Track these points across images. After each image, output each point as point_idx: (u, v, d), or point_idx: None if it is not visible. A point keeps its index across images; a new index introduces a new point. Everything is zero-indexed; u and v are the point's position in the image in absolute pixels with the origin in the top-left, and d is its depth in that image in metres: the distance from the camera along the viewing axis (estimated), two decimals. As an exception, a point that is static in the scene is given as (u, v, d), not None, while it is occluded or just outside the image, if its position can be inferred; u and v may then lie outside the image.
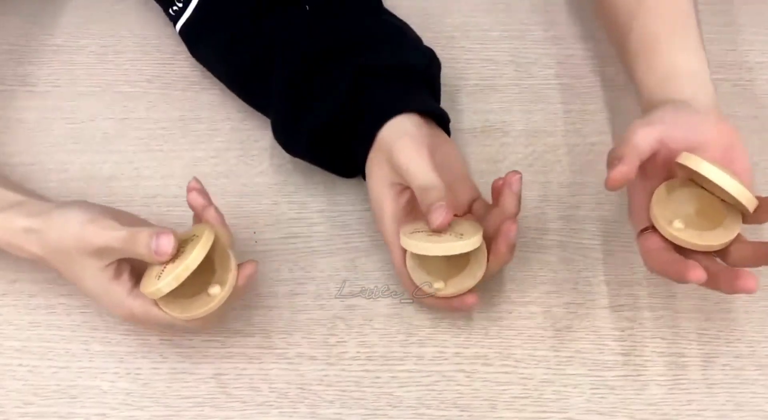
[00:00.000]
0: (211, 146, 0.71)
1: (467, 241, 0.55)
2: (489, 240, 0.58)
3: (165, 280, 0.53)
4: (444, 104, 0.67)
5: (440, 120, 0.64)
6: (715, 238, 0.55)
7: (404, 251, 0.59)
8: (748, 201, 0.54)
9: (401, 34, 0.69)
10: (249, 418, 0.60)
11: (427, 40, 0.69)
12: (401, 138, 0.59)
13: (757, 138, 0.71)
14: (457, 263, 0.59)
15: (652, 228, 0.56)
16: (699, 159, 0.54)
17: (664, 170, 0.58)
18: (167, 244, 0.54)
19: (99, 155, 0.71)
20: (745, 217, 0.56)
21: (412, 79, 0.65)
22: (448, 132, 0.65)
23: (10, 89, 0.74)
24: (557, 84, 0.74)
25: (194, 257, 0.54)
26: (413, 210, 0.61)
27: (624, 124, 0.62)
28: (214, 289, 0.55)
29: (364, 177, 0.63)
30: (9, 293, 0.65)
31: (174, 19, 0.72)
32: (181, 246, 0.55)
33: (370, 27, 0.68)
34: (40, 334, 0.63)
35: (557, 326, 0.63)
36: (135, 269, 0.58)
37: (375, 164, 0.61)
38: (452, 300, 0.59)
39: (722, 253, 0.55)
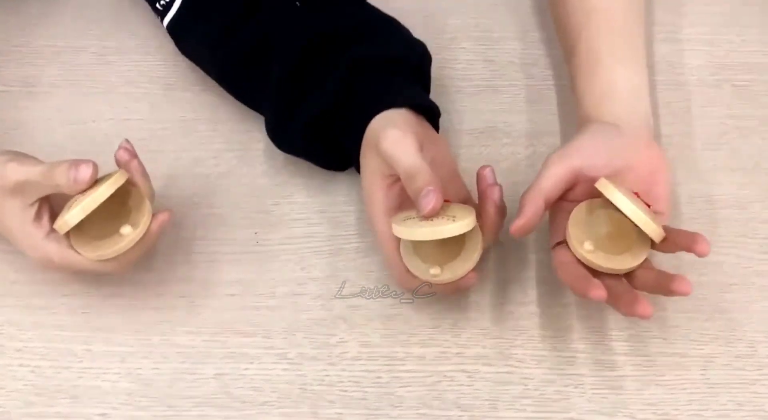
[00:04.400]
0: (212, 147, 0.71)
1: (461, 222, 0.54)
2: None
3: (72, 211, 0.55)
4: (445, 105, 0.67)
5: (430, 115, 0.64)
6: (621, 263, 0.56)
7: (396, 243, 0.58)
8: (654, 233, 0.56)
9: (393, 26, 0.68)
10: (250, 418, 0.60)
11: (429, 40, 0.69)
12: (387, 127, 0.59)
13: (757, 138, 0.71)
14: (451, 248, 0.58)
15: (567, 243, 0.57)
16: (613, 188, 0.56)
17: (584, 196, 0.59)
18: (86, 171, 0.56)
19: (100, 156, 0.70)
20: (654, 244, 0.57)
21: (404, 72, 0.65)
22: (437, 127, 0.65)
23: (12, 90, 0.74)
24: (557, 85, 0.74)
25: (102, 191, 0.55)
26: (404, 202, 0.60)
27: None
28: (126, 229, 0.57)
29: (358, 170, 0.63)
30: (10, 294, 0.65)
31: (161, 14, 0.71)
32: (96, 186, 0.57)
33: (362, 19, 0.68)
34: (41, 334, 0.63)
35: (558, 326, 0.63)
36: (54, 215, 0.59)
37: (366, 157, 0.61)
38: (451, 284, 0.58)
39: (629, 275, 0.57)
